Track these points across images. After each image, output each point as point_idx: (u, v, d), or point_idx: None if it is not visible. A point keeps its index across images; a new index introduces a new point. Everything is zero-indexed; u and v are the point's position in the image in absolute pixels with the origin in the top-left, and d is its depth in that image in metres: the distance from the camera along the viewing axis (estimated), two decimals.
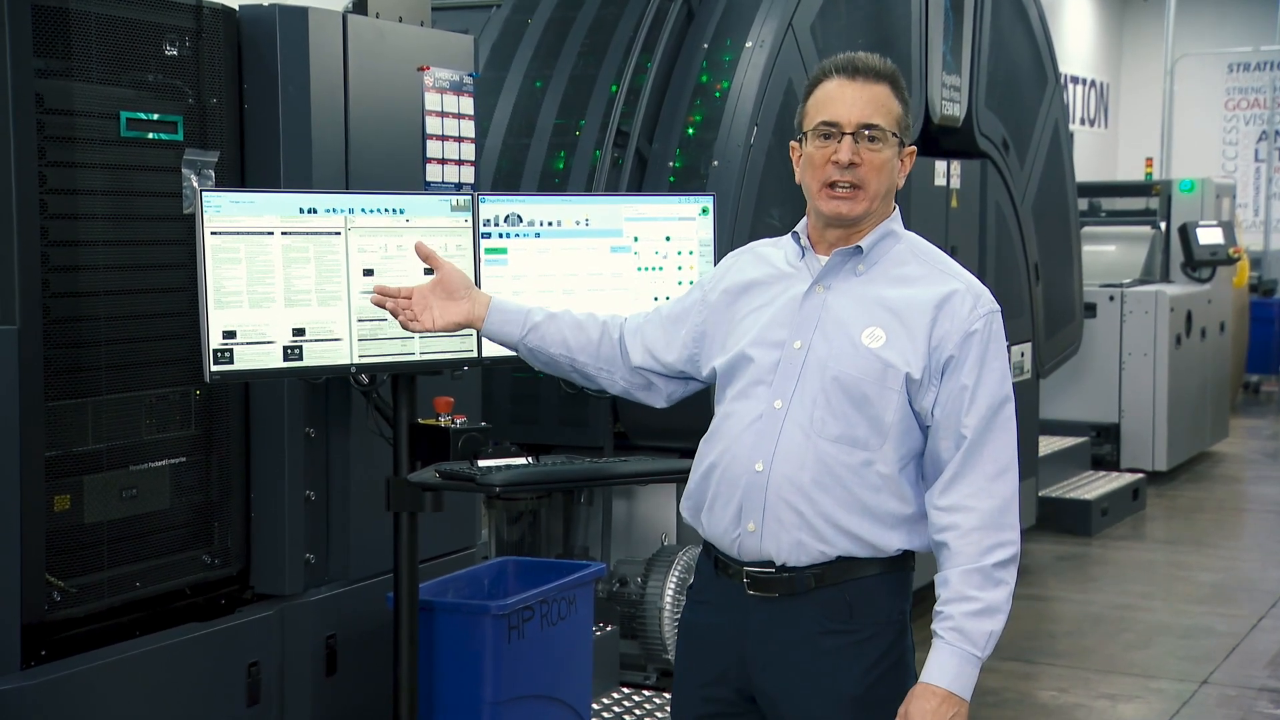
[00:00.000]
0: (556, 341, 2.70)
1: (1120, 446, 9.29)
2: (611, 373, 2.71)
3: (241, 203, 3.17)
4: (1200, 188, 10.42)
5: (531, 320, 2.71)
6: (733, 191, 4.71)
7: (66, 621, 3.20)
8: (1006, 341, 2.47)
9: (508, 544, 4.98)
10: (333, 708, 3.74)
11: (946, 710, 2.34)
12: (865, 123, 2.43)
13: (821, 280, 2.48)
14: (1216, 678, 5.55)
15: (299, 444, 3.64)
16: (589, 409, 4.84)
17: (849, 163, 2.42)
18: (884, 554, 2.44)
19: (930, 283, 2.45)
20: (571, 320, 2.72)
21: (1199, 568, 7.33)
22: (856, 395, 2.41)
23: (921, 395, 2.41)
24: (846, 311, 2.45)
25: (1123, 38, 18.73)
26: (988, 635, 2.35)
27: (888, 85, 2.46)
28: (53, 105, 3.14)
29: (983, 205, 6.53)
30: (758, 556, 2.45)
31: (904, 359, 2.40)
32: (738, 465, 2.46)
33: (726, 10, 5.05)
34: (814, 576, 2.43)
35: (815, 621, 2.43)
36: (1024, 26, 6.90)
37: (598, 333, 2.70)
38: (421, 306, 2.74)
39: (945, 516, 2.39)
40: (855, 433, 2.41)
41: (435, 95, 3.92)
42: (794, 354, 2.45)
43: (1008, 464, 2.41)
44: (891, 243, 2.50)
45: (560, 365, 2.73)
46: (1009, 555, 2.38)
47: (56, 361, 3.16)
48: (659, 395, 2.74)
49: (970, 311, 2.42)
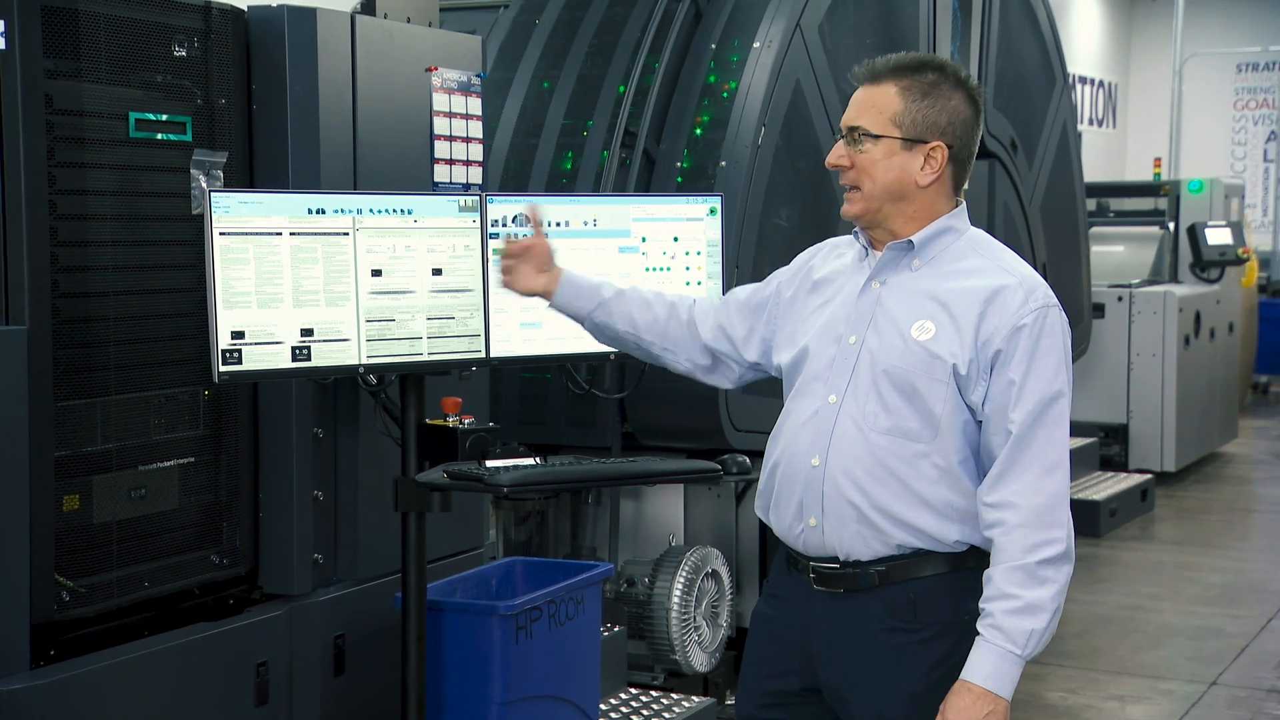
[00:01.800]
0: (624, 319, 2.74)
1: (1129, 447, 9.28)
2: (676, 353, 2.75)
3: (250, 203, 3.17)
4: (1209, 188, 10.40)
5: (600, 296, 2.75)
6: (740, 192, 4.70)
7: (75, 621, 3.20)
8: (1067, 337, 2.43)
9: (515, 544, 4.98)
10: (341, 708, 3.74)
11: (981, 708, 2.33)
12: (851, 125, 2.48)
13: (877, 275, 2.51)
14: (1226, 679, 5.54)
15: (307, 444, 3.64)
16: (597, 410, 4.84)
17: (835, 165, 2.49)
18: (945, 548, 2.44)
19: (983, 276, 2.45)
20: (639, 299, 2.75)
21: (1208, 569, 7.31)
22: (906, 388, 2.42)
23: (971, 389, 2.41)
24: (899, 306, 2.47)
25: (1131, 38, 18.70)
26: (1028, 634, 2.33)
27: (890, 83, 2.46)
28: (62, 106, 3.14)
29: (990, 205, 6.52)
30: (821, 551, 2.48)
31: (950, 351, 2.41)
32: (797, 461, 2.49)
33: (734, 10, 5.05)
34: (878, 574, 2.45)
35: (878, 619, 2.45)
36: (1032, 27, 6.90)
37: (665, 312, 2.74)
38: (515, 270, 2.83)
39: (992, 513, 2.39)
40: (907, 425, 2.42)
41: (443, 96, 3.92)
42: (848, 349, 2.47)
43: (1058, 460, 2.38)
44: (951, 239, 2.50)
45: (625, 342, 2.78)
46: (1056, 553, 2.35)
47: (65, 361, 3.16)
48: (727, 377, 2.77)
49: (1021, 306, 2.41)
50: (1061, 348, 2.43)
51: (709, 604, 4.82)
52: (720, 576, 4.85)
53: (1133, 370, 9.27)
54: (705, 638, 4.80)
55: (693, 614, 4.76)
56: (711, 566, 4.83)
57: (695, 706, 4.46)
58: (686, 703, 4.49)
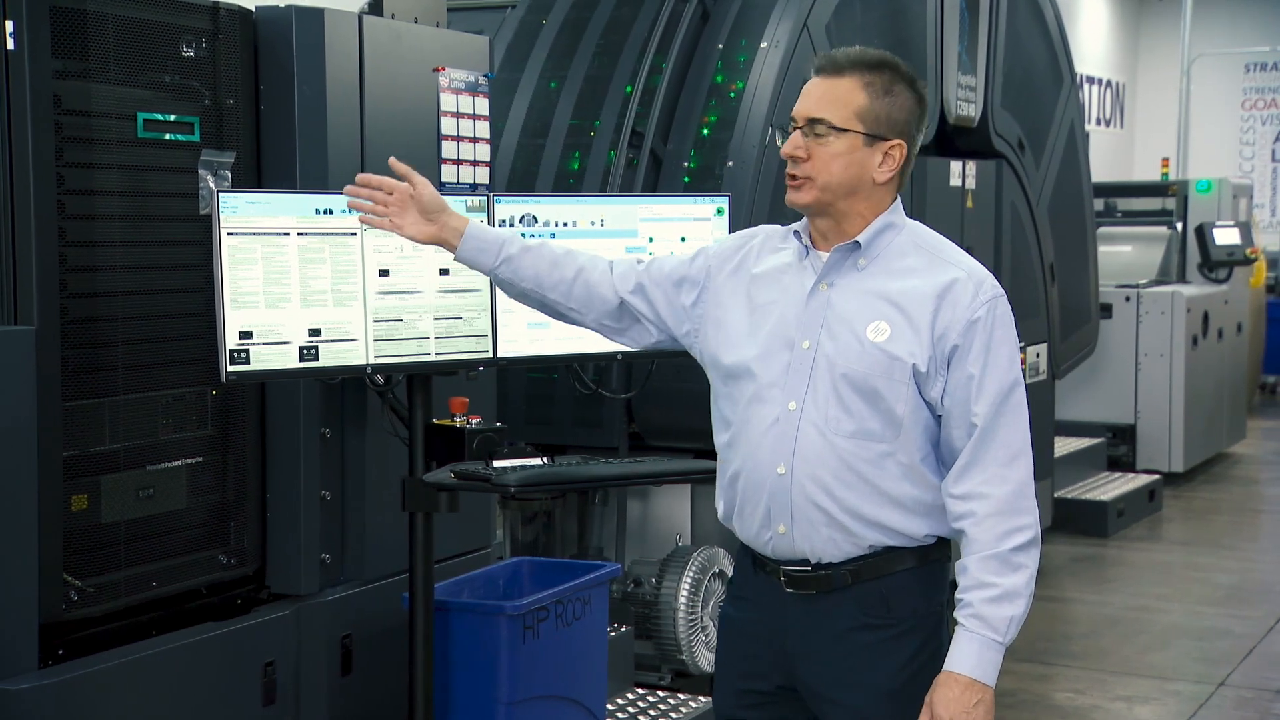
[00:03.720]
0: (529, 276, 2.68)
1: (1136, 448, 9.26)
2: (583, 313, 2.70)
3: (257, 203, 3.17)
4: (1217, 188, 10.38)
5: (506, 252, 2.67)
6: (748, 192, 4.70)
7: (83, 621, 3.21)
8: (1013, 325, 2.46)
9: (522, 544, 4.98)
10: (348, 707, 3.75)
11: (970, 697, 2.35)
12: (812, 117, 2.45)
13: (824, 278, 2.49)
14: (1234, 680, 5.53)
15: (315, 444, 3.65)
16: (603, 410, 4.84)
17: (791, 156, 2.45)
18: (915, 542, 2.46)
19: (931, 272, 2.45)
20: (549, 255, 2.68)
21: (1216, 569, 7.30)
22: (867, 391, 2.42)
23: (930, 386, 2.42)
24: (850, 308, 2.46)
25: (1139, 38, 18.67)
26: (1008, 620, 2.36)
27: (853, 78, 2.44)
28: (70, 106, 3.15)
29: (998, 206, 6.51)
30: (791, 555, 2.48)
31: (909, 351, 2.41)
32: (760, 470, 2.48)
33: (741, 10, 5.05)
34: (850, 573, 2.46)
35: (852, 616, 2.46)
36: (1040, 26, 6.89)
37: (572, 272, 2.67)
38: (400, 210, 2.73)
39: (961, 504, 2.41)
40: (870, 427, 2.42)
41: (451, 96, 3.92)
42: (803, 354, 2.46)
43: (1020, 448, 2.42)
44: (891, 235, 2.49)
45: (530, 299, 2.72)
46: (1027, 539, 2.39)
47: (74, 362, 3.17)
48: (633, 340, 2.71)
49: (972, 299, 2.42)
50: (1013, 337, 2.46)
51: (716, 604, 4.81)
52: (727, 576, 4.85)
53: (1140, 371, 9.25)
54: (712, 638, 4.80)
55: (699, 614, 4.76)
56: (718, 566, 4.83)
57: (702, 707, 4.46)
58: (693, 703, 4.50)
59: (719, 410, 2.58)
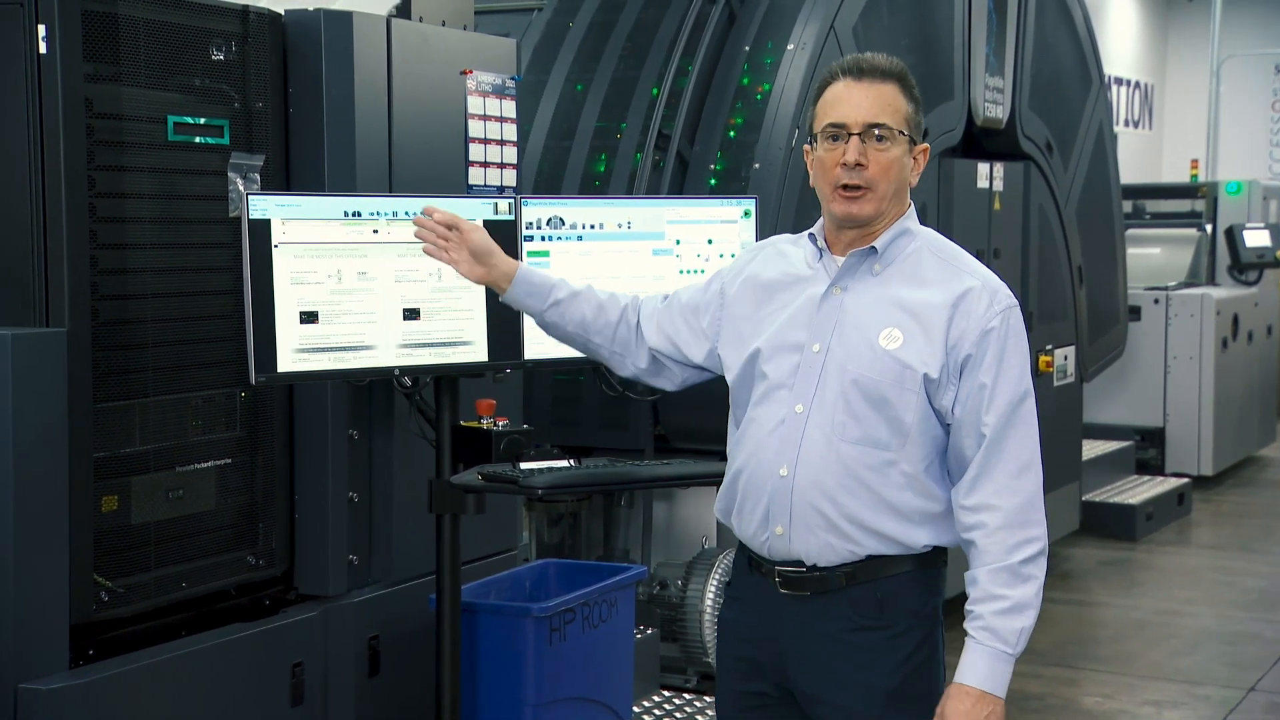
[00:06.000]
0: (575, 320, 2.74)
1: (1165, 451, 9.21)
2: (624, 357, 2.75)
3: (286, 206, 3.19)
4: (1247, 189, 10.32)
5: (555, 296, 2.74)
6: (774, 194, 4.70)
7: (113, 621, 3.23)
8: (1026, 335, 2.47)
9: (548, 546, 4.99)
10: (375, 708, 3.76)
11: (981, 710, 2.35)
12: (871, 122, 2.43)
13: (838, 282, 2.49)
14: (1264, 684, 5.49)
15: (343, 446, 3.66)
16: (630, 412, 4.84)
17: (856, 163, 2.42)
18: (913, 551, 2.46)
19: (946, 281, 2.45)
20: (594, 301, 2.74)
21: (1245, 573, 7.25)
22: (876, 397, 2.42)
23: (941, 394, 2.42)
24: (864, 313, 2.45)
25: (1168, 39, 18.57)
26: (1019, 632, 2.37)
27: (895, 84, 2.45)
28: (101, 110, 3.17)
29: (1026, 208, 6.49)
30: (786, 556, 2.48)
31: (921, 360, 2.41)
32: (763, 470, 2.48)
33: (768, 13, 5.04)
34: (845, 575, 2.46)
35: (847, 618, 2.46)
36: (1068, 27, 6.86)
37: (616, 316, 2.74)
38: (457, 247, 2.79)
39: (971, 515, 2.41)
40: (876, 434, 2.42)
41: (478, 98, 3.93)
42: (813, 357, 2.46)
43: (1030, 459, 2.42)
44: (907, 241, 2.49)
45: (574, 342, 2.78)
46: (1036, 550, 2.39)
47: (104, 364, 3.19)
48: (670, 380, 2.77)
49: (986, 309, 2.42)
50: (1025, 348, 2.46)
51: None
52: None
53: (1169, 373, 9.20)
54: None
55: None
56: None
57: None
58: None
59: (732, 412, 2.60)
